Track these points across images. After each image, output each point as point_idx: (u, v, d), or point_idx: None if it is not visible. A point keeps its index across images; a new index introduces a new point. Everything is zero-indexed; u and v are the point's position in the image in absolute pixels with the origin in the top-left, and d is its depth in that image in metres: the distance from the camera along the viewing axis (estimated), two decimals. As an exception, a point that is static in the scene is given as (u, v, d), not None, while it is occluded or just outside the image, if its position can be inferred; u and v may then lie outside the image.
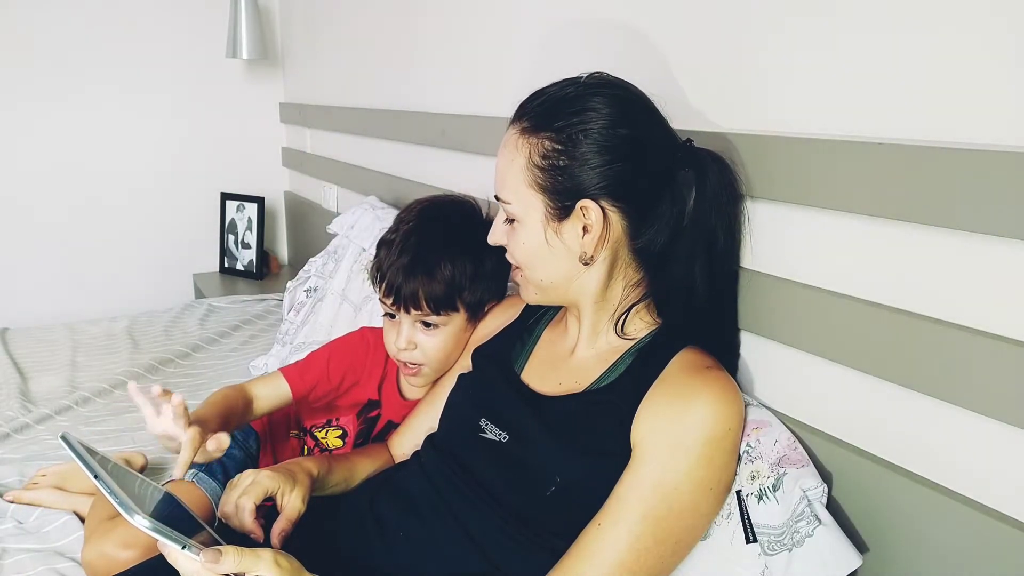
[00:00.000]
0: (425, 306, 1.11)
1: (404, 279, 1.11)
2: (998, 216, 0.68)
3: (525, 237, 0.90)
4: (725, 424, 0.82)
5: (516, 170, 0.89)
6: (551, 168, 0.86)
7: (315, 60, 2.65)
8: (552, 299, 0.96)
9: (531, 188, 0.88)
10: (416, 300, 1.11)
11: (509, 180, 0.90)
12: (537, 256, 0.90)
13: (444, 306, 1.12)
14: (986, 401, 0.71)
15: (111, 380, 1.93)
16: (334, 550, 0.95)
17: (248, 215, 2.90)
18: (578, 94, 0.88)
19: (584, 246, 0.88)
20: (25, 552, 1.23)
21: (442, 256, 1.11)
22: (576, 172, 0.86)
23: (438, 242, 1.13)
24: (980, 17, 0.70)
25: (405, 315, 1.13)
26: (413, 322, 1.14)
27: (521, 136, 0.89)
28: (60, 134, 2.72)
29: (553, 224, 0.88)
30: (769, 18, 0.92)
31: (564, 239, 0.88)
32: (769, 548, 0.81)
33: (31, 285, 2.75)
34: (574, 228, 0.88)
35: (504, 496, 0.89)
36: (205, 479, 1.24)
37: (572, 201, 0.87)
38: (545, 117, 0.88)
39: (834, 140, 0.83)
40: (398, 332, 1.15)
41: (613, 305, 0.93)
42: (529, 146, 0.88)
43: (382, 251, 1.16)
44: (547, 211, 0.88)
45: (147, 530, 0.67)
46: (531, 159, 0.87)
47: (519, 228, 0.90)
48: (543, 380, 0.97)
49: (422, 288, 1.10)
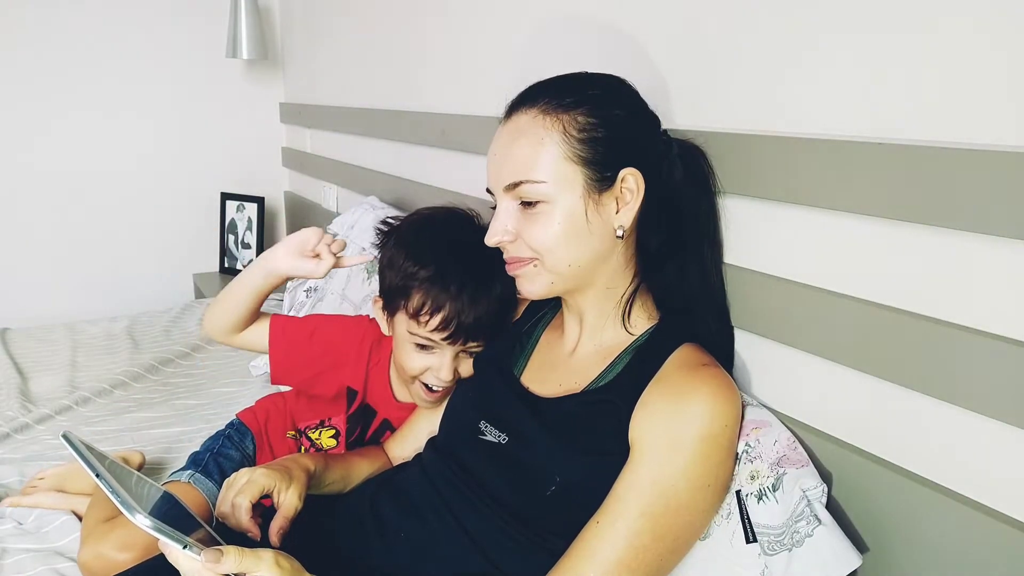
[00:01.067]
0: (480, 334, 1.07)
1: (469, 308, 1.04)
2: (998, 216, 0.68)
3: (559, 216, 0.87)
4: (722, 421, 0.82)
5: (550, 147, 0.86)
6: (590, 139, 0.86)
7: (315, 60, 2.65)
8: (568, 287, 0.92)
9: (571, 162, 0.86)
10: (477, 329, 1.06)
11: (541, 159, 0.86)
12: (570, 235, 0.87)
13: (497, 327, 1.08)
14: (986, 401, 0.71)
15: (111, 380, 1.93)
16: (334, 550, 0.95)
17: (248, 215, 2.90)
18: (584, 76, 0.91)
19: (620, 218, 0.88)
20: (25, 552, 1.23)
21: (488, 275, 1.05)
22: (616, 139, 0.87)
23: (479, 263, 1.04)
24: (979, 16, 0.70)
25: (451, 348, 1.08)
26: (455, 353, 1.09)
27: (545, 116, 0.87)
28: (60, 134, 2.72)
29: (594, 196, 0.87)
30: (768, 17, 0.92)
31: (602, 213, 0.88)
32: (769, 548, 0.81)
33: (31, 285, 2.75)
34: (610, 201, 0.88)
35: (504, 497, 0.89)
36: (202, 479, 1.24)
37: (614, 171, 0.87)
38: (570, 93, 0.88)
39: (834, 140, 0.83)
40: (440, 363, 1.09)
41: (618, 293, 0.93)
42: (561, 122, 0.86)
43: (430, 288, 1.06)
44: (587, 184, 0.87)
45: (149, 529, 0.67)
46: (567, 133, 0.86)
47: (548, 209, 0.87)
48: (542, 382, 0.97)
49: (483, 311, 1.05)
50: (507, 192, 0.89)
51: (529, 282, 0.92)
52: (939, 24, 0.74)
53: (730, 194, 0.97)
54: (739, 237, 0.98)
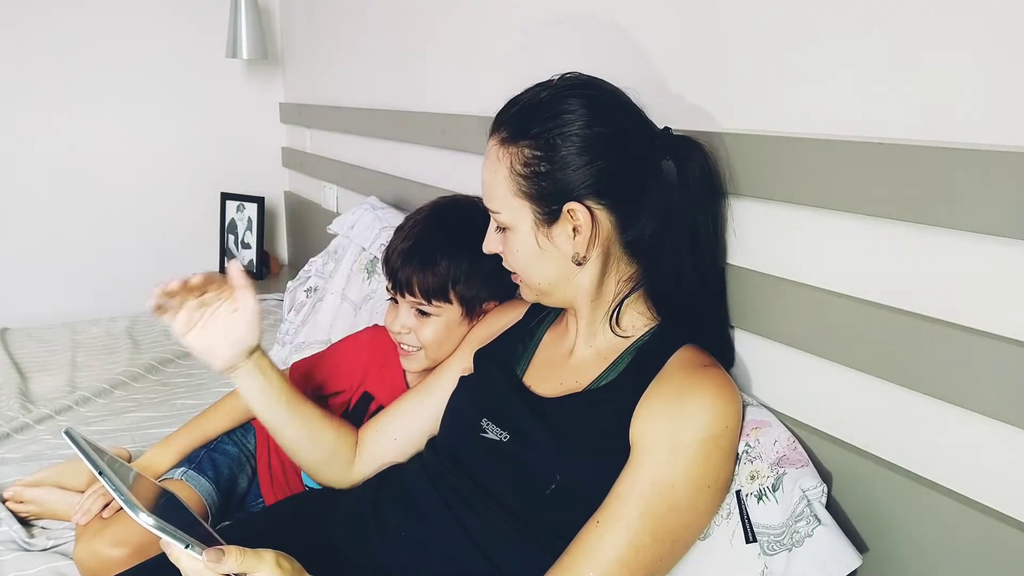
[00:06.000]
0: (418, 293, 1.16)
1: (402, 264, 1.17)
2: (997, 216, 0.68)
3: (518, 244, 0.91)
4: (723, 422, 0.82)
5: (500, 180, 0.89)
6: (533, 175, 0.87)
7: (315, 60, 2.65)
8: (553, 301, 0.96)
9: (517, 196, 0.89)
10: (410, 286, 1.16)
11: (495, 191, 0.91)
12: (531, 261, 0.91)
13: (436, 296, 1.16)
14: (986, 401, 0.71)
15: (111, 380, 1.93)
16: (335, 551, 0.95)
17: (248, 215, 2.90)
18: (552, 97, 0.89)
19: (576, 247, 0.89)
20: (25, 552, 1.23)
21: (441, 249, 1.16)
22: (559, 176, 0.87)
23: (441, 235, 1.18)
24: (980, 16, 0.71)
25: (403, 300, 1.20)
26: (410, 308, 1.19)
27: (501, 147, 0.90)
28: (60, 134, 2.71)
29: (543, 229, 0.89)
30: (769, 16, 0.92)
31: (556, 242, 0.89)
32: (769, 548, 0.81)
33: (31, 285, 2.74)
34: (564, 231, 0.89)
35: (504, 496, 0.89)
36: (195, 476, 1.24)
37: (558, 205, 0.87)
38: (521, 125, 0.89)
39: (834, 140, 0.83)
40: (396, 315, 1.21)
41: (607, 301, 0.94)
42: (510, 156, 0.89)
43: (393, 236, 1.23)
44: (535, 217, 0.89)
45: (152, 528, 0.67)
46: (513, 168, 0.88)
47: (511, 236, 0.91)
48: (544, 381, 0.97)
49: (416, 275, 1.16)
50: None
51: (522, 291, 0.98)
52: (940, 24, 0.74)
53: (729, 194, 0.97)
54: (738, 237, 0.98)
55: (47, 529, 1.31)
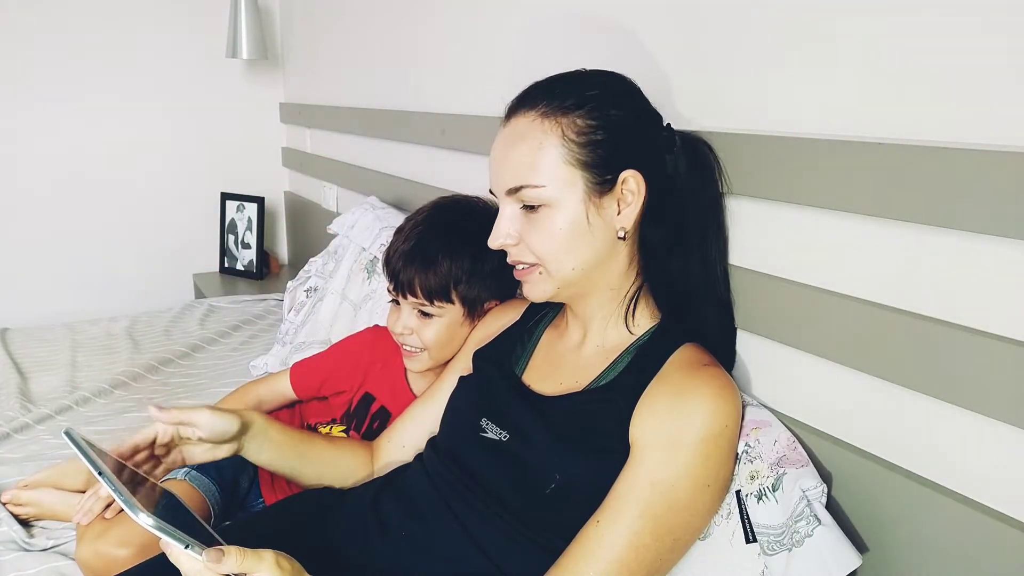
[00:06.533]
0: (420, 294, 1.16)
1: (403, 266, 1.17)
2: (997, 216, 0.68)
3: (561, 220, 0.87)
4: (722, 421, 0.82)
5: (549, 151, 0.86)
6: (590, 143, 0.86)
7: (315, 60, 2.66)
8: (572, 291, 0.93)
9: (570, 165, 0.86)
10: (412, 287, 1.16)
11: (540, 164, 0.87)
12: (572, 238, 0.88)
13: (438, 296, 1.16)
14: (986, 401, 0.71)
15: (111, 380, 1.93)
16: (335, 551, 0.95)
17: (248, 215, 2.90)
18: (587, 74, 0.91)
19: (622, 220, 0.89)
20: (25, 552, 1.23)
21: (442, 249, 1.16)
22: (618, 142, 0.87)
23: (441, 235, 1.18)
24: (981, 16, 0.71)
25: (404, 301, 1.20)
26: (412, 309, 1.19)
27: (544, 119, 0.87)
28: (60, 134, 2.72)
29: (595, 199, 0.87)
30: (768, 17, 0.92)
31: (604, 215, 0.88)
32: (769, 548, 0.81)
33: (31, 285, 2.75)
34: (611, 204, 0.88)
35: (504, 496, 0.89)
36: (198, 477, 1.24)
37: (614, 173, 0.87)
38: (569, 95, 0.88)
39: (834, 140, 0.83)
40: (398, 317, 1.21)
41: (622, 294, 0.94)
42: (559, 125, 0.87)
43: (393, 237, 1.23)
44: (587, 187, 0.87)
45: (152, 528, 0.67)
46: (566, 136, 0.86)
47: (550, 213, 0.88)
48: (544, 381, 0.97)
49: (418, 276, 1.16)
50: (509, 196, 0.90)
51: (532, 287, 0.93)
52: (940, 24, 0.74)
53: (729, 194, 0.97)
54: (738, 237, 0.98)
55: (47, 529, 1.31)
